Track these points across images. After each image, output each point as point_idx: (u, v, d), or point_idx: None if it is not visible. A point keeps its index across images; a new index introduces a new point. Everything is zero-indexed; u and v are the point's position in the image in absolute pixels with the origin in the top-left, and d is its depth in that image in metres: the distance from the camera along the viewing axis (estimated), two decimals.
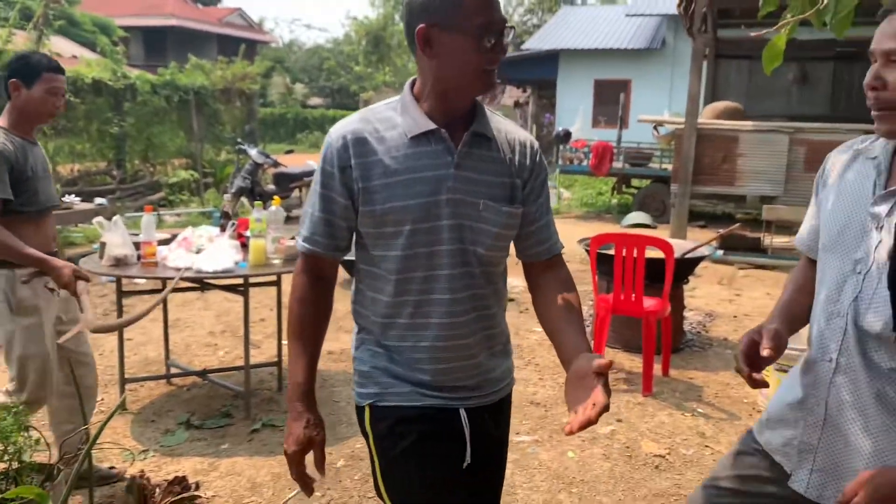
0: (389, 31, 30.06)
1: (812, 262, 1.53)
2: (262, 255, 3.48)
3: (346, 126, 1.46)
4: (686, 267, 4.63)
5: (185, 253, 3.46)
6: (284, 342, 4.73)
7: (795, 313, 1.51)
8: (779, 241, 7.13)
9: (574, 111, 17.70)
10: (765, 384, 1.39)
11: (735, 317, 5.80)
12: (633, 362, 4.55)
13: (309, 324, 1.53)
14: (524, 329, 5.32)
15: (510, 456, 3.26)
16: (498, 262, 1.56)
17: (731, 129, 7.91)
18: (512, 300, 6.15)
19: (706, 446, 3.44)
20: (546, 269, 1.60)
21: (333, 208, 1.46)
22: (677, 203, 7.91)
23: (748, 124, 7.92)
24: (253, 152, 9.86)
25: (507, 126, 1.57)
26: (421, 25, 1.37)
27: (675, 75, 17.06)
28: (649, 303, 4.05)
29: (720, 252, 7.29)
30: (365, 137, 1.43)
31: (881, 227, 1.29)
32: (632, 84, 17.85)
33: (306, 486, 1.52)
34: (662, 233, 10.09)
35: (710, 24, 9.57)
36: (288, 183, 10.37)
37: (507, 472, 3.14)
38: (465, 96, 1.46)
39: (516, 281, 6.93)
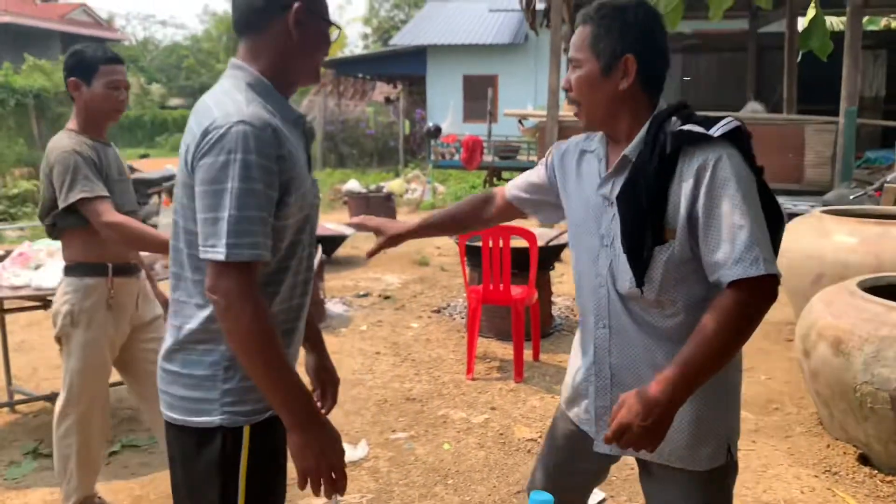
0: None
1: (491, 198, 1.87)
2: None
3: (257, 113, 1.34)
4: (550, 254, 4.78)
5: (22, 269, 3.17)
6: None
7: (433, 228, 1.90)
8: None
9: (445, 106, 17.90)
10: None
11: None
12: (506, 350, 4.65)
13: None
14: (401, 325, 5.31)
15: (386, 454, 3.26)
16: None
17: None
18: (388, 297, 6.12)
19: None
20: None
21: (270, 206, 1.34)
22: None
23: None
24: None
25: None
26: (298, 3, 1.40)
27: (539, 70, 17.63)
28: (516, 291, 4.15)
29: None
30: (278, 125, 1.37)
31: (612, 204, 1.53)
32: (499, 79, 18.28)
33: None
34: (533, 222, 10.42)
35: (569, 18, 9.94)
36: (145, 189, 9.80)
37: (384, 469, 3.15)
38: (303, 83, 1.51)
39: (392, 277, 6.95)
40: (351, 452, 3.25)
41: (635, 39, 1.48)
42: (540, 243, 4.21)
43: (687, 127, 1.43)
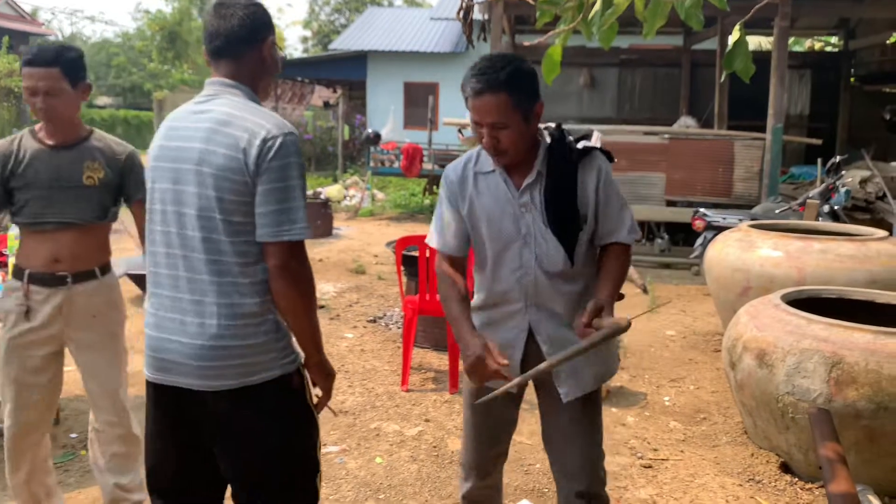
0: (186, 27, 28.39)
1: (454, 264, 2.08)
2: None
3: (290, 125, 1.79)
4: None
5: None
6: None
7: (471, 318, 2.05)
8: None
9: (385, 112, 17.80)
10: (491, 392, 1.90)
11: None
12: (442, 360, 4.61)
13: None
14: (335, 336, 5.21)
15: None
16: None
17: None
18: (323, 306, 6.01)
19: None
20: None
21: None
22: None
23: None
24: None
25: None
26: (271, 36, 1.84)
27: None
28: None
29: None
30: None
31: (531, 210, 1.98)
32: (440, 87, 18.32)
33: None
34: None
35: (509, 29, 10.04)
36: None
37: None
38: (263, 98, 1.86)
39: (327, 286, 6.84)
40: None
41: (535, 89, 1.92)
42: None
43: (582, 144, 1.98)
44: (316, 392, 1.88)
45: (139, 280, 5.96)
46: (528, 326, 2.02)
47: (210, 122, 1.70)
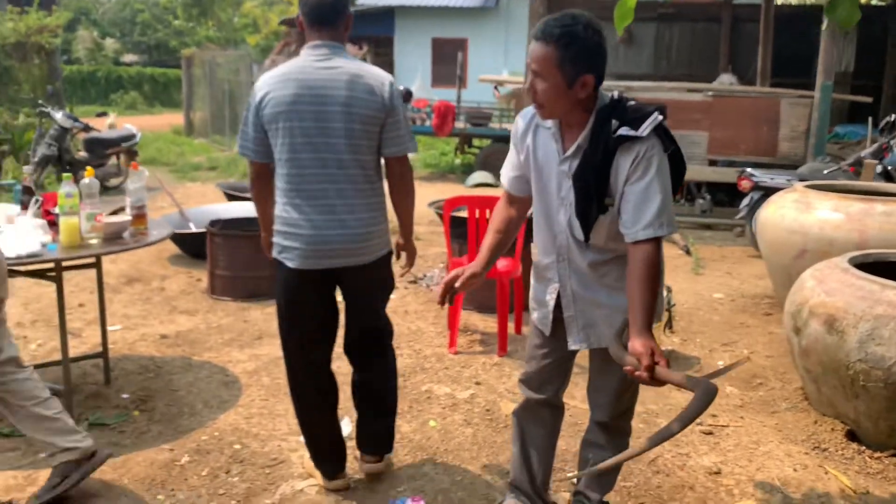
0: None
1: (510, 201, 2.26)
2: (75, 235, 3.03)
3: None
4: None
5: None
6: (112, 328, 4.28)
7: (496, 251, 2.23)
8: None
9: (413, 69, 17.55)
10: (450, 302, 2.23)
11: None
12: (487, 323, 4.56)
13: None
14: None
15: None
16: None
17: None
18: None
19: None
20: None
21: None
22: None
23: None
24: (58, 115, 8.77)
25: None
26: (351, 8, 2.38)
27: (510, 35, 17.37)
28: (502, 264, 4.04)
29: None
30: None
31: (567, 176, 2.03)
32: (468, 43, 17.96)
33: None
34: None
35: None
36: (103, 150, 9.39)
37: None
38: None
39: None
40: None
41: (591, 60, 1.90)
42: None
43: (622, 132, 1.91)
44: (401, 264, 2.80)
45: (182, 240, 5.96)
46: (558, 279, 2.18)
47: (346, 74, 2.38)
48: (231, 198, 7.18)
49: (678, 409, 3.41)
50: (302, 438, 2.81)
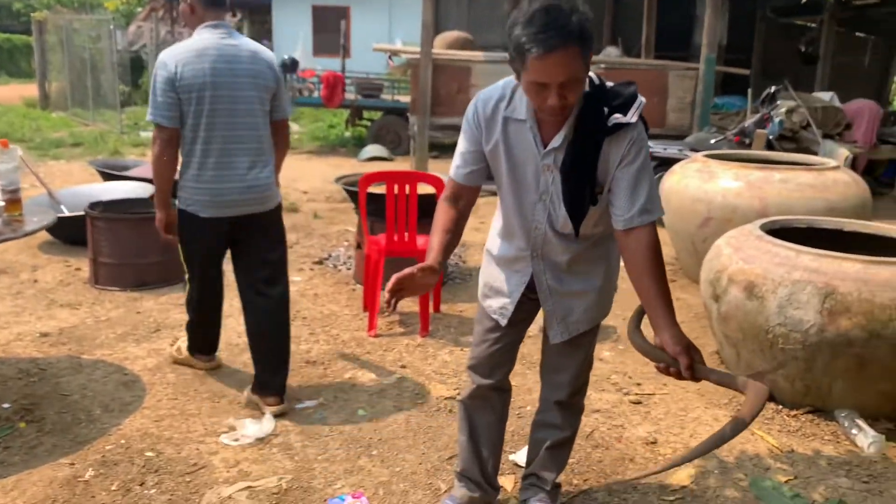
0: None
1: (457, 196, 2.04)
2: None
3: None
4: None
5: None
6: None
7: (449, 251, 2.00)
8: None
9: (293, 38, 16.88)
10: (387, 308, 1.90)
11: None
12: (405, 303, 4.41)
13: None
14: None
15: (296, 427, 2.95)
16: None
17: (464, 60, 8.02)
18: None
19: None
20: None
21: None
22: (418, 135, 7.88)
23: (480, 55, 8.11)
24: None
25: None
26: None
27: (394, 4, 17.03)
28: (421, 241, 3.90)
29: None
30: None
31: (552, 171, 1.91)
32: (351, 10, 17.45)
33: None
34: (401, 165, 10.12)
35: None
36: None
37: (298, 445, 2.84)
38: None
39: None
40: (256, 428, 2.90)
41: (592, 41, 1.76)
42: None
43: (615, 119, 1.81)
44: None
45: (54, 226, 5.35)
46: (531, 274, 2.09)
47: (247, 51, 2.90)
48: (107, 177, 6.58)
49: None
50: (225, 440, 2.56)
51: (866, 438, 2.82)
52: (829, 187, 4.27)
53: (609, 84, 1.88)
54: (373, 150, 10.50)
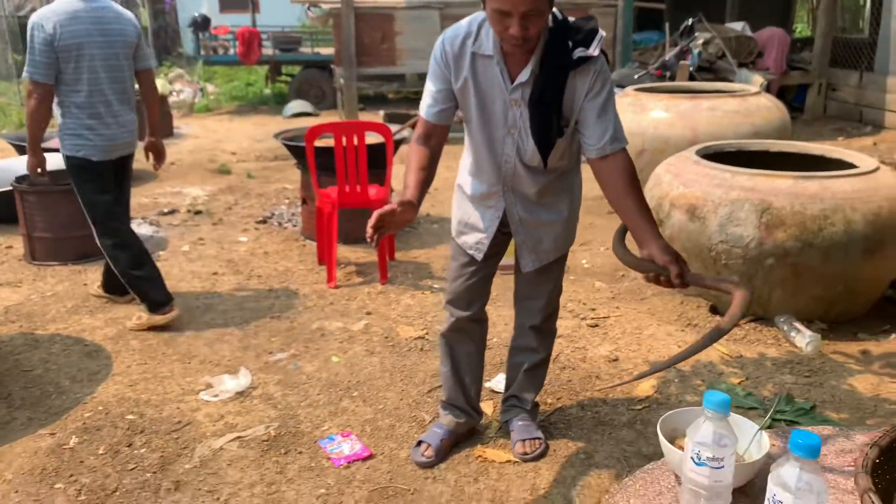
0: None
1: (429, 135, 2.07)
2: None
3: None
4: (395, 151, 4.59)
5: None
6: None
7: (425, 188, 2.03)
8: None
9: None
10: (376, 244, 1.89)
11: (428, 192, 6.02)
12: (357, 254, 4.46)
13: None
14: (228, 241, 4.85)
15: (272, 378, 3.00)
16: None
17: (385, 7, 7.90)
18: (199, 212, 5.54)
19: None
20: None
21: None
22: (345, 87, 7.78)
23: (402, 1, 8.00)
24: None
25: None
26: None
27: None
28: (373, 192, 3.93)
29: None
30: None
31: (520, 106, 1.97)
32: None
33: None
34: (328, 119, 9.97)
35: None
36: None
37: (278, 395, 2.90)
38: None
39: (195, 190, 6.29)
40: (234, 383, 2.94)
41: None
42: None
43: (579, 53, 1.87)
44: (152, 161, 3.69)
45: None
46: (504, 207, 2.17)
47: (113, 12, 3.29)
48: (23, 150, 6.25)
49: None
50: (205, 396, 2.59)
51: (804, 339, 3.10)
52: (753, 112, 4.52)
53: (571, 19, 1.96)
54: (297, 105, 10.29)
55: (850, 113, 8.59)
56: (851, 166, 3.42)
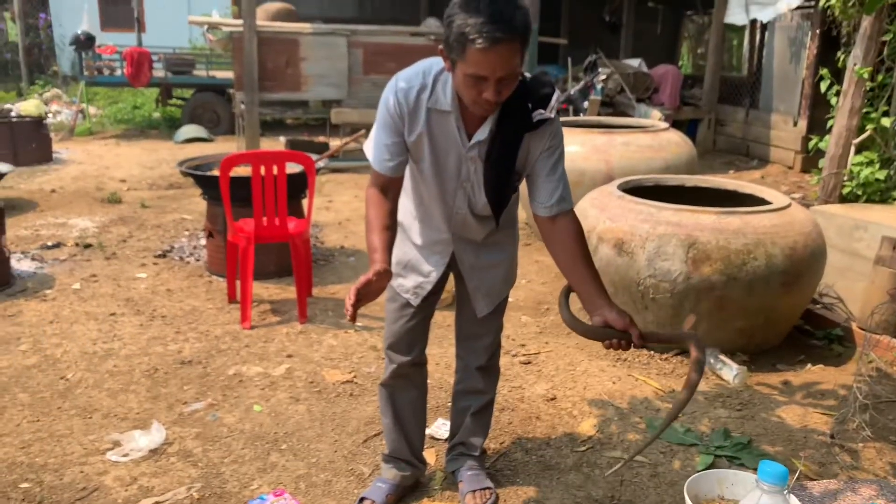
0: None
1: (385, 189, 1.98)
2: None
3: None
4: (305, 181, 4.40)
5: None
6: None
7: (391, 246, 1.95)
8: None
9: (76, 10, 15.24)
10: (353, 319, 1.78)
11: (339, 223, 5.84)
12: (269, 291, 4.22)
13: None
14: (125, 278, 4.46)
15: (189, 432, 2.73)
16: None
17: (291, 32, 7.68)
18: (89, 245, 5.10)
19: (382, 357, 3.39)
20: None
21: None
22: (247, 112, 7.46)
23: (307, 27, 7.80)
24: None
25: None
26: None
27: None
28: (292, 224, 3.72)
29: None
30: None
31: (476, 162, 1.93)
32: None
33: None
34: (224, 145, 9.55)
35: None
36: None
37: (198, 451, 2.63)
38: None
39: (83, 221, 5.79)
40: (146, 439, 2.65)
41: None
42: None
43: (538, 116, 1.84)
44: None
45: None
46: (452, 254, 2.13)
47: None
48: None
49: None
50: (113, 457, 2.32)
51: (731, 372, 3.17)
52: (664, 147, 4.67)
53: (527, 75, 1.89)
54: (190, 130, 9.80)
55: (737, 147, 9.15)
56: (764, 202, 3.57)
